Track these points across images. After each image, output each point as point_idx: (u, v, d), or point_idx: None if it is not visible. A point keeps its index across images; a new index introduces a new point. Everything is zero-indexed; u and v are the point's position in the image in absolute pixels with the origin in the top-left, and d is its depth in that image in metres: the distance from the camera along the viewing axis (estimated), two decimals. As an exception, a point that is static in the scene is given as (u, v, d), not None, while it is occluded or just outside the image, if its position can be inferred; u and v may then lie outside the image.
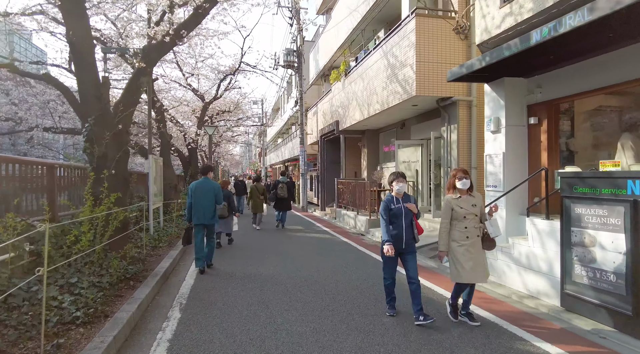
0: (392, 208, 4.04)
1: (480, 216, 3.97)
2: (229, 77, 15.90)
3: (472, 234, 3.87)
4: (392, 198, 4.12)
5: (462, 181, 3.90)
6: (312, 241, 9.24)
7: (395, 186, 4.10)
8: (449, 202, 3.96)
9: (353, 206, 12.12)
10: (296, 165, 25.41)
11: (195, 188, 6.03)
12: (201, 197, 5.99)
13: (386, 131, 13.07)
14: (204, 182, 6.13)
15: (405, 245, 4.00)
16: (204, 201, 5.99)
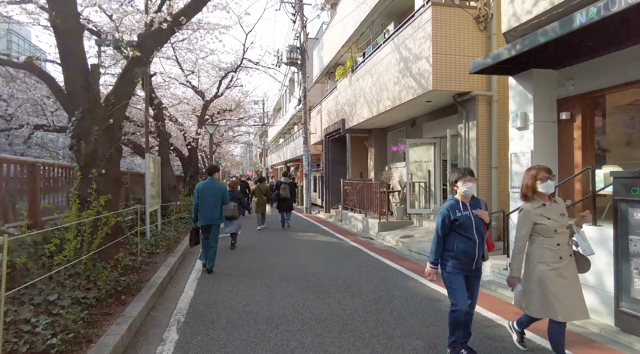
0: (459, 217, 3.04)
1: None
2: (230, 74, 15.38)
3: (565, 253, 2.95)
4: (456, 203, 3.12)
5: (547, 182, 2.95)
6: (320, 246, 8.69)
7: (461, 187, 3.08)
8: (529, 214, 2.99)
9: (360, 208, 11.57)
10: (299, 165, 24.87)
11: (201, 189, 6.05)
12: (207, 197, 6.01)
13: (395, 130, 12.52)
14: (209, 182, 6.14)
15: (476, 266, 3.09)
16: (209, 202, 6.01)
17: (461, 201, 3.13)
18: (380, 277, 5.86)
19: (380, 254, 7.70)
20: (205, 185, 6.10)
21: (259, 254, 7.66)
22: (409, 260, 7.16)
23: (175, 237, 8.43)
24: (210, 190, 6.05)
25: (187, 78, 14.98)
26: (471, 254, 3.02)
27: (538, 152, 5.86)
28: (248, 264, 6.77)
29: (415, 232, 9.15)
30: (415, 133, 10.82)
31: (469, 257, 3.03)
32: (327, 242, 9.20)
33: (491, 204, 7.65)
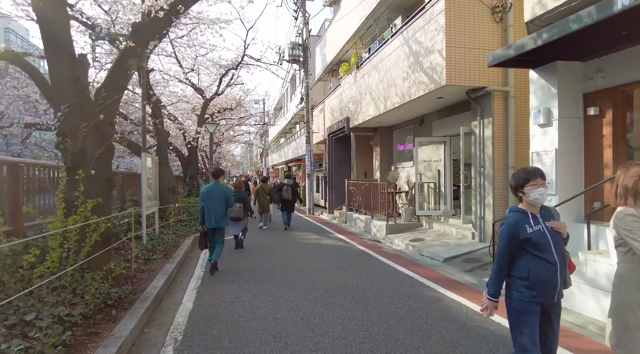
0: (531, 234, 2.31)
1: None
2: (230, 72, 14.96)
3: None
4: (524, 216, 2.38)
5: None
6: (326, 249, 8.26)
7: (531, 193, 2.34)
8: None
9: (366, 209, 11.15)
10: (300, 165, 24.45)
11: (206, 192, 6.11)
12: (212, 200, 6.05)
13: (401, 128, 12.10)
14: (214, 185, 6.18)
15: (557, 297, 2.34)
16: (214, 205, 6.05)
17: (530, 213, 2.38)
18: (393, 285, 5.43)
19: (391, 258, 7.28)
20: (210, 188, 6.15)
21: (262, 257, 7.24)
22: (422, 266, 6.73)
23: (173, 241, 8.01)
24: (215, 193, 6.09)
25: (187, 76, 14.59)
26: (552, 281, 2.28)
27: (563, 150, 5.45)
28: (251, 269, 6.35)
29: (425, 236, 8.72)
30: (423, 131, 10.40)
31: (549, 286, 2.29)
32: (333, 245, 8.77)
33: (506, 206, 7.24)
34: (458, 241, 7.85)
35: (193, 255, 7.61)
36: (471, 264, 6.46)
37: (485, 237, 7.42)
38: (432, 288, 5.37)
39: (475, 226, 7.71)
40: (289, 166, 30.98)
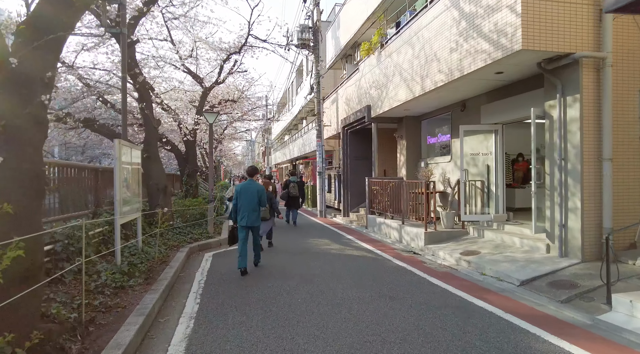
0: None
1: None
2: (233, 57, 13.25)
3: None
4: None
5: None
6: (355, 265, 6.51)
7: None
8: None
9: (394, 212, 9.40)
10: (308, 163, 22.72)
11: (240, 190, 6.05)
12: (245, 199, 5.98)
13: (432, 118, 10.34)
14: (249, 184, 6.13)
15: None
16: (248, 203, 5.97)
17: None
18: (476, 329, 3.69)
19: (445, 280, 5.53)
20: (244, 186, 6.10)
21: (278, 277, 5.49)
22: (492, 291, 4.99)
23: (162, 255, 6.28)
24: (249, 191, 6.01)
25: (184, 62, 12.90)
26: None
27: None
28: (265, 300, 4.60)
29: (478, 247, 6.97)
30: (464, 119, 8.64)
31: None
32: (361, 258, 7.02)
33: (599, 211, 5.47)
34: (527, 255, 6.09)
35: (186, 275, 5.87)
36: (565, 291, 4.70)
37: (568, 251, 5.67)
38: (532, 333, 3.63)
39: (551, 236, 5.95)
40: (294, 164, 29.24)
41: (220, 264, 6.62)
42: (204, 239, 8.18)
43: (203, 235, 8.38)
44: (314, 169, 20.93)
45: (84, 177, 6.03)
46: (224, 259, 6.99)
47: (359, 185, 13.36)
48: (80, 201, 5.80)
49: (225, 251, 7.79)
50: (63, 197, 5.31)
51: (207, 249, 7.84)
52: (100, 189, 6.75)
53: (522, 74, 6.61)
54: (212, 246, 8.10)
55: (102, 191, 6.96)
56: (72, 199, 5.52)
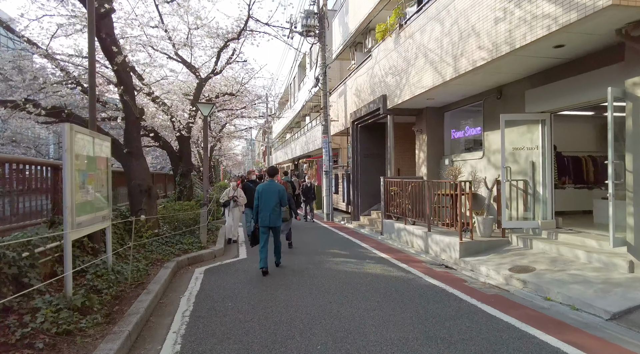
0: None
1: None
2: (231, 45, 11.99)
3: None
4: None
5: None
6: (381, 286, 5.22)
7: None
8: None
9: (418, 217, 8.12)
10: (313, 162, 21.43)
11: (262, 190, 5.99)
12: (266, 199, 5.92)
13: (457, 108, 9.06)
14: (269, 184, 6.08)
15: None
16: (269, 204, 5.92)
17: None
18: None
19: (502, 308, 4.25)
20: (265, 187, 6.06)
21: (281, 308, 4.20)
22: (576, 329, 3.72)
23: (139, 275, 4.98)
24: (270, 191, 5.98)
25: (177, 49, 11.64)
26: None
27: None
28: (264, 344, 3.31)
29: (529, 261, 5.67)
30: (502, 108, 7.36)
31: None
32: (385, 275, 5.73)
33: None
34: (602, 274, 4.80)
35: (168, 302, 4.58)
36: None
37: (662, 272, 4.38)
38: None
39: (636, 251, 4.66)
40: (296, 163, 27.96)
41: (212, 284, 5.33)
42: (195, 251, 6.89)
43: (194, 245, 7.10)
44: (318, 169, 19.65)
45: (37, 177, 4.74)
46: (217, 277, 5.69)
47: (370, 185, 12.10)
48: (30, 206, 4.52)
49: (220, 265, 6.49)
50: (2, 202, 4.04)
51: (199, 263, 6.55)
52: (61, 191, 5.45)
53: (586, 48, 5.33)
54: (205, 258, 6.81)
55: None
56: (17, 205, 4.24)
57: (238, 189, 8.49)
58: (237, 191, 8.41)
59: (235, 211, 8.47)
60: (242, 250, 7.71)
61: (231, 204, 8.32)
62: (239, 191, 8.43)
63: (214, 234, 8.69)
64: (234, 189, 8.42)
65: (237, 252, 7.56)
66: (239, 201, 8.33)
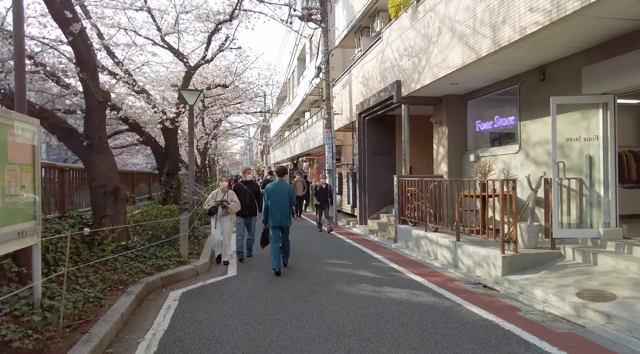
0: None
1: None
2: (223, 29, 10.72)
3: None
4: None
5: None
6: (407, 317, 3.93)
7: None
8: None
9: (440, 223, 6.83)
10: (314, 160, 20.12)
11: (271, 190, 5.97)
12: (277, 199, 5.91)
13: (484, 95, 7.78)
14: (279, 184, 6.07)
15: None
16: (279, 203, 5.91)
17: None
18: None
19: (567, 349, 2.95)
20: (275, 186, 6.02)
21: None
22: None
23: (87, 306, 3.67)
24: (280, 191, 5.96)
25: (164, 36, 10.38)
26: None
27: None
28: None
29: (601, 283, 4.37)
30: (545, 92, 6.07)
31: None
32: (413, 303, 4.43)
33: None
34: None
35: (120, 350, 3.25)
36: None
37: None
38: None
39: None
40: (295, 162, 26.66)
41: (188, 317, 4.01)
42: (173, 267, 5.58)
43: (173, 260, 5.78)
44: (319, 167, 18.35)
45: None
46: (196, 306, 4.38)
47: (379, 185, 10.81)
48: None
49: (202, 286, 5.18)
50: None
51: (176, 284, 5.23)
52: None
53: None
54: (185, 277, 5.50)
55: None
56: None
57: (229, 191, 6.60)
58: (228, 194, 6.48)
59: (225, 221, 6.42)
60: (231, 265, 6.40)
61: (219, 212, 6.35)
62: (230, 195, 6.50)
63: (199, 244, 7.37)
64: (223, 192, 6.49)
65: (225, 268, 6.25)
66: (230, 207, 6.38)
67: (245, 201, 6.71)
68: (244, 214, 6.77)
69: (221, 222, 6.40)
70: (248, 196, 6.79)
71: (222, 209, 6.37)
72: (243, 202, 6.66)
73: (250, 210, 6.83)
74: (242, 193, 6.76)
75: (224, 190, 6.55)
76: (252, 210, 6.87)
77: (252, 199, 6.85)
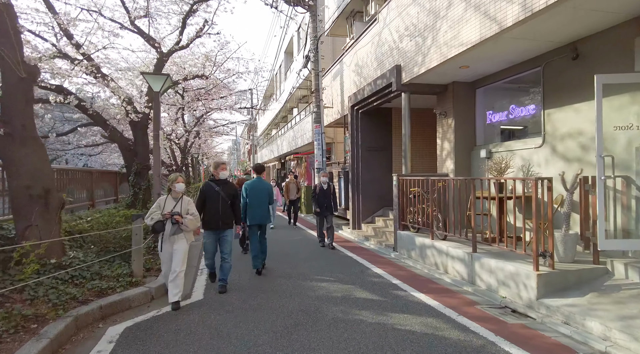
0: None
1: None
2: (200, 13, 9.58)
3: None
4: None
5: None
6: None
7: None
8: None
9: (446, 229, 5.76)
10: (301, 159, 18.97)
11: (250, 188, 5.85)
12: (256, 196, 5.81)
13: (494, 83, 6.75)
14: (258, 182, 5.97)
15: None
16: (258, 201, 5.82)
17: None
18: None
19: None
20: (253, 184, 5.90)
21: None
22: None
23: None
24: (259, 189, 5.85)
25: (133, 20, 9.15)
26: None
27: None
28: None
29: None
30: (579, 73, 5.06)
31: None
32: (431, 343, 3.31)
33: None
34: None
35: None
36: None
37: None
38: None
39: None
40: (282, 162, 25.48)
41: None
42: (120, 290, 4.36)
43: (121, 280, 4.55)
44: (308, 166, 17.23)
45: None
46: (140, 352, 3.18)
47: (375, 185, 9.74)
48: None
49: (154, 317, 3.97)
50: None
51: (120, 314, 4.02)
52: None
53: None
54: (135, 303, 4.28)
55: None
56: None
57: (185, 199, 4.47)
58: (183, 203, 4.41)
59: (177, 242, 4.35)
60: (198, 283, 5.21)
61: (168, 229, 4.29)
62: (185, 203, 4.44)
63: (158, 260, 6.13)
64: (175, 199, 4.42)
65: (190, 288, 5.05)
66: (186, 223, 4.33)
67: (217, 208, 4.86)
68: (216, 226, 4.88)
69: (169, 242, 4.32)
70: (221, 202, 4.88)
71: (173, 225, 4.27)
72: (214, 209, 4.84)
73: (224, 220, 4.92)
74: (212, 197, 4.87)
75: (177, 196, 4.44)
76: (227, 220, 4.96)
77: (227, 206, 4.95)
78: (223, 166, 5.15)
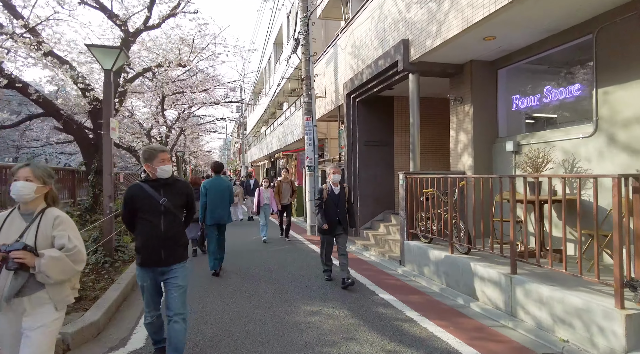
0: None
1: None
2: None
3: None
4: None
5: None
6: None
7: None
8: None
9: (477, 244, 4.50)
10: (291, 157, 17.64)
11: (209, 187, 5.72)
12: (216, 195, 5.68)
13: (523, 60, 5.52)
14: (216, 180, 5.82)
15: None
16: (217, 200, 5.68)
17: None
18: None
19: None
20: (212, 183, 5.76)
21: None
22: None
23: None
24: (219, 188, 5.74)
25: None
26: None
27: None
28: None
29: None
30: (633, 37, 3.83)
31: None
32: None
33: None
34: None
35: None
36: None
37: None
38: None
39: None
40: (272, 160, 24.13)
41: None
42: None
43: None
44: (298, 164, 15.91)
45: None
46: None
47: (374, 185, 8.48)
48: None
49: None
50: None
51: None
52: None
53: None
54: None
55: None
56: None
57: (51, 214, 2.14)
58: (42, 225, 2.08)
59: (32, 315, 1.99)
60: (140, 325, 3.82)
61: (7, 283, 1.90)
62: (47, 225, 2.09)
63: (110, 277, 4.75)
64: (24, 215, 2.11)
65: (130, 327, 3.69)
66: (41, 268, 1.93)
67: (156, 227, 2.74)
68: (155, 260, 2.75)
69: (13, 318, 2.00)
70: (164, 216, 2.77)
71: (14, 274, 1.92)
72: (151, 229, 2.74)
73: (170, 248, 2.79)
74: (147, 208, 2.76)
75: (31, 210, 2.15)
76: (175, 247, 2.83)
77: (174, 223, 2.83)
78: (164, 156, 2.78)
